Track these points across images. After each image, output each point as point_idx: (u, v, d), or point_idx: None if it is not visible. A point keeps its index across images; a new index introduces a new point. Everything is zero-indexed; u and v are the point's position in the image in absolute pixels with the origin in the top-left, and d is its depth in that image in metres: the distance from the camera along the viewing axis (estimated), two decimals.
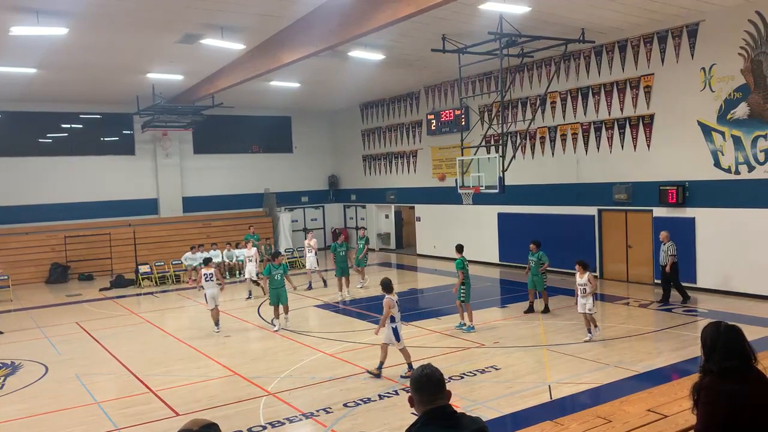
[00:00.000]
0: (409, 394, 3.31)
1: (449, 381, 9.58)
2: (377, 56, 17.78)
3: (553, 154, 19.52)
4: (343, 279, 17.41)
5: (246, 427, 8.22)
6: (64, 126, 25.01)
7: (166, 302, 18.88)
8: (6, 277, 19.94)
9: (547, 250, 14.78)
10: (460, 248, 13.39)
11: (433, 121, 23.71)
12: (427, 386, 3.24)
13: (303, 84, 22.24)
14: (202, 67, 19.29)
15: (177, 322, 16.13)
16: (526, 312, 14.30)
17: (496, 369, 10.32)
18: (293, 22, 14.90)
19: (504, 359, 10.88)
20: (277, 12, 14.11)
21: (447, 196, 22.37)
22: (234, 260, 22.75)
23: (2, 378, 11.08)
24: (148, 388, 10.16)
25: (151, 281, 21.44)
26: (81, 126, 25.34)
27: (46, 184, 23.77)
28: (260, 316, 15.51)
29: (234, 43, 15.77)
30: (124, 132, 25.79)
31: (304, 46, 15.26)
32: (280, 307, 13.84)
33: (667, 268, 14.54)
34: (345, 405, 8.87)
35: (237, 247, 23.10)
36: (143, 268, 21.62)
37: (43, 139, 24.56)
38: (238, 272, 22.43)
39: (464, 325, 13.04)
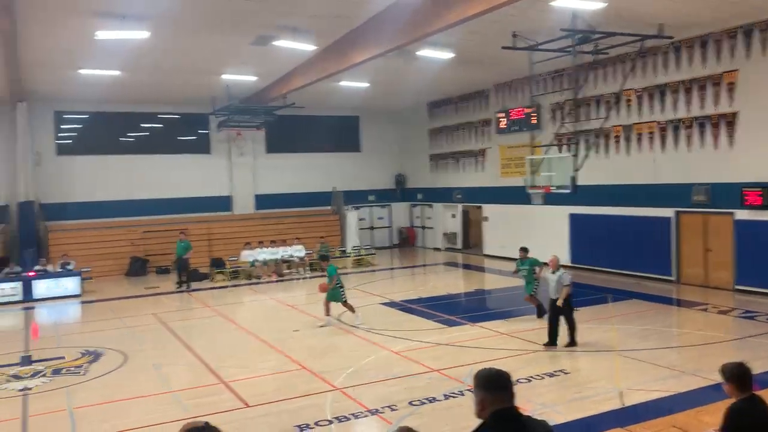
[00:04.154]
0: (479, 397, 3.25)
1: (515, 384, 9.43)
2: (446, 55, 17.69)
3: (628, 153, 18.89)
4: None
5: (313, 420, 8.37)
6: (144, 126, 26.16)
7: (239, 296, 19.43)
8: (88, 269, 21.02)
9: (622, 252, 14.29)
10: (325, 258, 15.82)
11: (503, 119, 23.37)
12: (497, 386, 3.20)
13: (372, 83, 22.40)
14: (275, 68, 19.72)
15: (248, 316, 16.58)
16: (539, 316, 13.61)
17: (565, 373, 10.09)
18: (363, 22, 15.03)
19: (573, 363, 10.64)
20: (349, 12, 14.25)
21: (516, 196, 22.03)
22: (290, 257, 23.07)
23: (85, 365, 11.70)
24: (220, 379, 10.49)
25: (224, 276, 22.11)
26: (160, 126, 26.43)
27: (127, 181, 24.91)
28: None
29: (306, 44, 16.04)
30: (201, 131, 26.71)
31: (373, 46, 15.36)
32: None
33: (560, 302, 11.47)
34: (410, 403, 8.89)
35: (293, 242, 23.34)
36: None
37: (124, 138, 25.75)
38: (300, 270, 22.73)
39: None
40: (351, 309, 14.19)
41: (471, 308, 16.77)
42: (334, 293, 14.15)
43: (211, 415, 8.68)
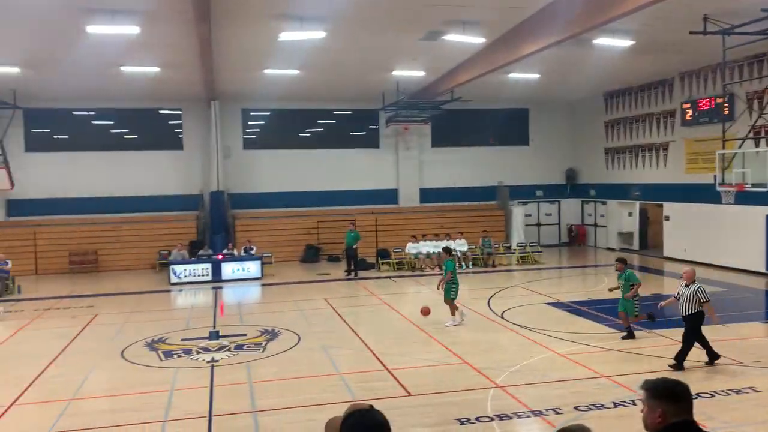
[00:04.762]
0: (658, 408, 3.01)
1: (696, 398, 8.66)
2: (625, 42, 16.62)
3: None
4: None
5: (474, 416, 8.32)
6: (319, 121, 27.67)
7: (402, 287, 19.88)
8: (269, 254, 22.72)
9: None
10: (448, 251, 14.76)
11: (689, 110, 21.50)
12: (679, 397, 2.98)
13: (542, 75, 21.69)
14: (443, 63, 19.82)
15: (411, 307, 16.86)
16: (624, 338, 12.19)
17: (756, 391, 9.07)
18: (535, 12, 14.57)
19: (766, 381, 9.52)
20: (520, 3, 13.91)
21: (702, 194, 20.20)
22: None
23: (264, 343, 12.64)
24: (384, 366, 10.79)
25: (390, 266, 22.73)
26: (333, 121, 27.81)
27: (304, 174, 26.52)
28: (489, 307, 15.57)
29: (475, 37, 15.92)
30: (371, 127, 27.68)
31: (545, 37, 14.84)
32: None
33: (714, 320, 10.32)
34: (576, 408, 8.51)
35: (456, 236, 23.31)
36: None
37: (302, 134, 27.44)
38: (463, 264, 22.61)
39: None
40: (453, 310, 13.80)
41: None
42: (446, 288, 13.90)
43: (375, 400, 8.97)
